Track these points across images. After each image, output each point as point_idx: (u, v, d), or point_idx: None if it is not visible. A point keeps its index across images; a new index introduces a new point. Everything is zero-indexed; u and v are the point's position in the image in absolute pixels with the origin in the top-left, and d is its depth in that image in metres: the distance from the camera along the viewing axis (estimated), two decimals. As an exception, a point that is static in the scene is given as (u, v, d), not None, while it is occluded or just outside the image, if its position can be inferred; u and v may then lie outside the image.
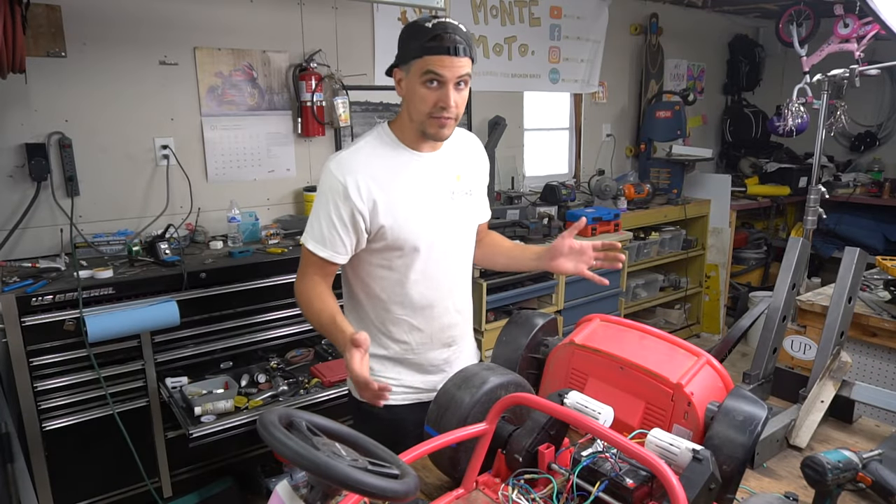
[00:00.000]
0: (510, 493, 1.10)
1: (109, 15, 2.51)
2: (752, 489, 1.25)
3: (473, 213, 1.60)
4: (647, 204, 4.29)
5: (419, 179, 1.47)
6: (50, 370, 2.11)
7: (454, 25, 1.33)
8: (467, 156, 1.58)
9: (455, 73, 1.33)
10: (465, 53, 1.33)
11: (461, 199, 1.54)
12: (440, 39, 1.31)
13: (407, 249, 1.46)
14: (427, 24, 1.32)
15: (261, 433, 0.76)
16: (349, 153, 1.44)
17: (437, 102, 1.35)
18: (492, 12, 3.68)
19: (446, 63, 1.31)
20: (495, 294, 3.12)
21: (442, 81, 1.33)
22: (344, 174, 1.39)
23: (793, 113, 3.02)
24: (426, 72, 1.32)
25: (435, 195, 1.49)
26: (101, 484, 2.28)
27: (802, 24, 4.04)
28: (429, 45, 1.31)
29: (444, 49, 1.30)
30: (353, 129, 3.19)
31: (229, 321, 2.45)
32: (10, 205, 2.41)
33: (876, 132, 5.33)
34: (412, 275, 1.49)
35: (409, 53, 1.35)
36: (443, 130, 1.40)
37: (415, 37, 1.33)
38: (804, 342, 1.90)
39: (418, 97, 1.36)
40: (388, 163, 1.44)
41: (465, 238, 1.58)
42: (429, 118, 1.38)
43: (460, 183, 1.54)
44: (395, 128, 1.48)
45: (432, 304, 1.54)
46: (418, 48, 1.32)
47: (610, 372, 1.27)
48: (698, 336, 4.81)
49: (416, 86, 1.35)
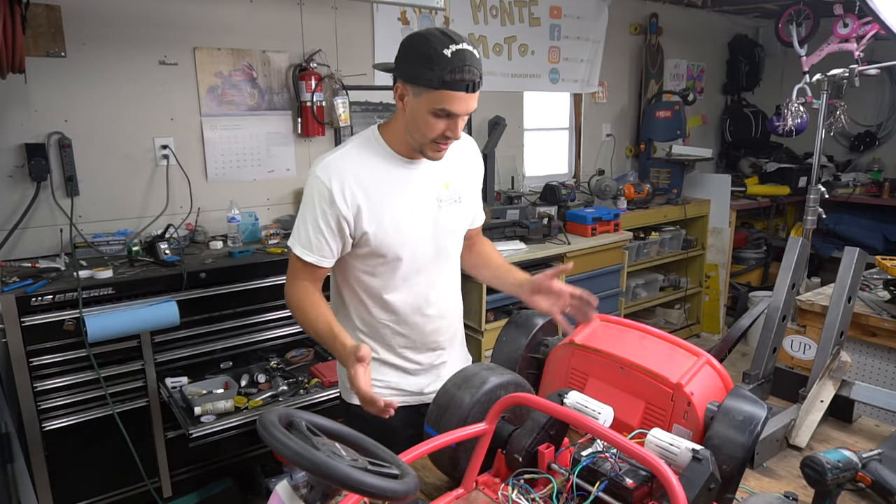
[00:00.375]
0: (510, 493, 1.10)
1: (109, 15, 2.51)
2: (752, 489, 1.25)
3: (461, 221, 1.56)
4: (646, 204, 4.29)
5: (405, 188, 1.43)
6: (50, 370, 2.11)
7: (471, 55, 1.25)
8: (458, 162, 1.53)
9: (468, 109, 1.30)
10: (480, 87, 1.29)
11: (449, 206, 1.50)
12: (461, 74, 1.24)
13: (390, 257, 1.44)
14: (446, 53, 1.23)
15: (261, 433, 0.76)
16: (335, 157, 1.40)
17: (444, 132, 1.32)
18: (492, 12, 3.68)
19: (462, 100, 1.27)
20: (495, 294, 3.11)
21: (454, 116, 1.30)
22: (330, 178, 1.36)
23: (792, 113, 3.02)
24: (441, 108, 1.28)
25: (421, 204, 1.45)
26: (101, 484, 2.28)
27: (802, 24, 4.04)
28: (448, 79, 1.24)
29: (463, 87, 1.25)
30: (352, 129, 3.18)
31: (229, 321, 2.45)
32: (9, 205, 2.41)
33: (875, 132, 5.33)
34: (395, 281, 1.47)
35: (423, 80, 1.26)
36: (439, 154, 1.39)
37: (431, 64, 1.24)
38: (804, 342, 1.90)
39: (425, 124, 1.31)
40: (375, 169, 1.41)
41: (450, 246, 1.55)
42: (431, 143, 1.35)
43: (448, 190, 1.50)
44: (386, 133, 1.44)
45: (415, 310, 1.52)
46: (435, 80, 1.24)
47: (610, 372, 1.27)
48: (698, 336, 4.81)
49: (425, 113, 1.30)
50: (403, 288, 1.49)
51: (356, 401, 1.54)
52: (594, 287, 3.68)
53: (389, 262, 1.45)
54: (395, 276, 1.47)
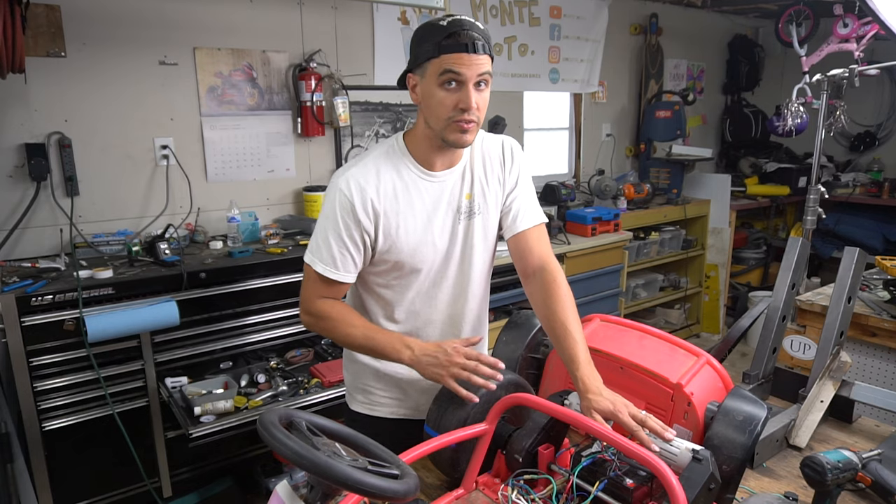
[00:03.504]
0: (510, 494, 1.10)
1: (109, 15, 2.51)
2: (752, 489, 1.25)
3: (485, 233, 1.46)
4: (646, 204, 4.29)
5: (425, 200, 1.37)
6: (50, 370, 2.11)
7: (471, 22, 1.24)
8: (482, 170, 1.43)
9: (475, 72, 1.23)
10: (485, 51, 1.23)
11: (470, 219, 1.42)
12: (457, 36, 1.21)
13: (406, 271, 1.39)
14: (442, 23, 1.22)
15: (261, 433, 0.76)
16: (358, 169, 1.34)
17: (458, 104, 1.24)
18: (492, 12, 3.68)
19: (465, 61, 1.21)
20: (495, 294, 3.10)
21: (461, 81, 1.23)
22: (352, 191, 1.31)
23: (792, 113, 3.02)
24: (444, 72, 1.22)
25: (440, 218, 1.39)
26: (101, 484, 2.28)
27: (802, 24, 4.04)
28: (445, 42, 1.21)
29: (462, 46, 1.20)
30: (352, 128, 3.19)
31: (229, 321, 2.45)
32: (9, 205, 2.41)
33: (875, 132, 5.33)
34: (409, 294, 1.43)
35: (424, 54, 1.24)
36: (465, 136, 1.29)
37: (429, 37, 1.23)
38: (804, 342, 1.89)
39: (436, 101, 1.25)
40: (396, 181, 1.35)
41: (471, 260, 1.45)
42: (449, 123, 1.27)
43: (470, 202, 1.42)
44: (409, 141, 1.38)
45: (427, 325, 1.46)
46: (433, 48, 1.22)
47: (610, 372, 1.27)
48: (698, 336, 4.81)
49: (434, 88, 1.25)
50: (417, 301, 1.44)
51: (362, 410, 1.54)
52: (594, 287, 3.69)
53: (405, 275, 1.40)
54: (409, 289, 1.42)
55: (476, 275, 1.48)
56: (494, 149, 1.46)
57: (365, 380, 1.52)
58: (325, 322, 1.36)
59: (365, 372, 1.51)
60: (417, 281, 1.42)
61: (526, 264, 1.43)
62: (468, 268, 1.46)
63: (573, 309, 1.33)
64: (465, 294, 1.48)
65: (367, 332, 1.34)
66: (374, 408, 1.53)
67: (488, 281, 1.54)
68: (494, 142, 1.46)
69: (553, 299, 1.34)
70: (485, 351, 1.63)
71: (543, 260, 1.42)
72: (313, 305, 1.37)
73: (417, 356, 1.27)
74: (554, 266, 1.41)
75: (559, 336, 1.28)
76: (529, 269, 1.42)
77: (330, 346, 2.65)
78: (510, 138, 1.50)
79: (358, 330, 1.34)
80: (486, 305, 1.57)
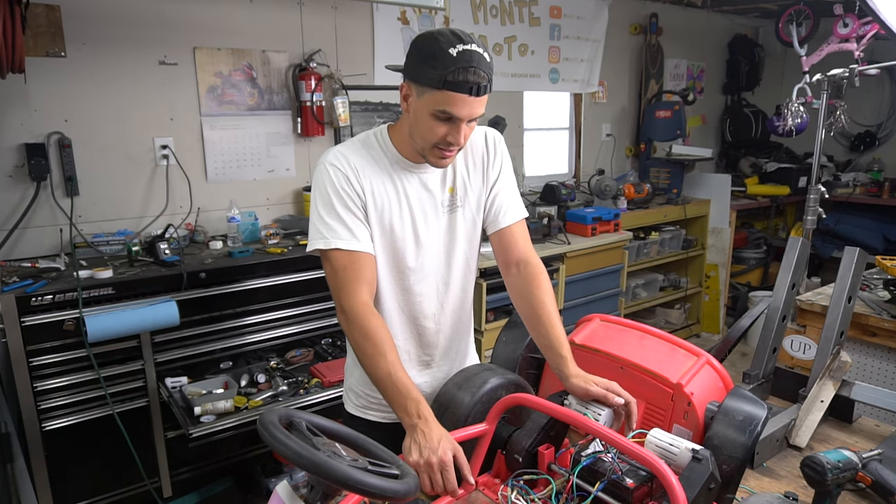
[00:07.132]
0: (509, 494, 1.10)
1: (109, 15, 2.51)
2: (752, 489, 1.25)
3: (469, 227, 1.45)
4: (646, 204, 4.29)
5: (408, 192, 1.36)
6: (50, 370, 2.11)
7: (479, 56, 1.17)
8: (467, 162, 1.43)
9: (472, 114, 1.22)
10: (486, 92, 1.21)
11: (453, 213, 1.42)
12: (464, 75, 1.16)
13: (387, 263, 1.37)
14: (451, 52, 1.15)
15: (261, 433, 0.76)
16: (345, 146, 1.35)
17: (446, 137, 1.24)
18: (492, 12, 3.68)
19: (466, 103, 1.19)
20: (495, 294, 3.11)
21: (456, 119, 1.22)
22: (343, 164, 1.30)
23: (792, 113, 3.02)
24: (441, 110, 1.20)
25: (423, 210, 1.38)
26: (101, 484, 2.28)
27: (802, 24, 4.05)
28: (450, 79, 1.16)
29: (467, 89, 1.17)
30: (352, 128, 3.18)
31: (229, 321, 2.45)
32: (9, 205, 2.41)
33: (875, 132, 5.33)
34: (390, 288, 1.40)
35: (425, 79, 1.19)
36: (444, 161, 1.30)
37: (435, 62, 1.17)
38: (804, 342, 1.89)
39: (426, 127, 1.24)
40: (379, 169, 1.34)
41: (452, 255, 1.44)
42: (433, 148, 1.27)
43: (453, 196, 1.41)
44: (393, 134, 1.37)
45: (409, 320, 1.43)
46: (437, 79, 1.17)
47: (610, 372, 1.27)
48: (698, 336, 4.81)
49: (426, 115, 1.22)
50: (400, 294, 1.41)
51: (358, 412, 1.52)
52: (594, 287, 3.69)
53: (387, 268, 1.38)
54: (391, 283, 1.39)
55: (464, 273, 1.48)
56: (478, 141, 1.45)
57: (367, 389, 1.49)
58: (357, 332, 1.25)
59: (368, 381, 1.47)
60: (399, 275, 1.40)
61: (509, 258, 1.44)
62: (451, 263, 1.45)
63: (554, 300, 1.38)
64: (450, 291, 1.47)
65: (393, 371, 1.20)
66: (367, 412, 1.51)
67: (473, 274, 1.52)
68: (478, 134, 1.45)
69: (536, 286, 1.38)
70: (472, 350, 1.62)
71: (527, 254, 1.44)
72: (347, 301, 1.26)
73: (415, 425, 1.14)
74: (537, 261, 1.44)
75: (543, 321, 1.32)
76: (512, 262, 1.44)
77: (330, 346, 2.65)
78: (493, 130, 1.49)
79: (386, 361, 1.21)
80: (469, 298, 1.54)
